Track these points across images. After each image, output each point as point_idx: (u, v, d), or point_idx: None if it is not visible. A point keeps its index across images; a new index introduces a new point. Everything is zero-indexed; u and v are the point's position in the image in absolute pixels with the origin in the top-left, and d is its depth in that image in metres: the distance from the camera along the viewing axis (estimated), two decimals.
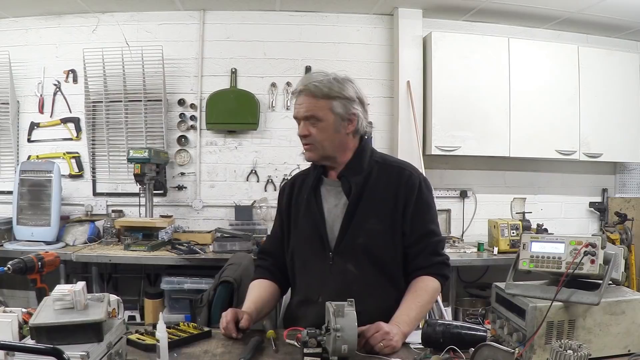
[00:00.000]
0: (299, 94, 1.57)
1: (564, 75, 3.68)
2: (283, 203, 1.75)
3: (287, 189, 1.76)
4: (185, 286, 2.97)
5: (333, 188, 1.64)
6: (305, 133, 1.56)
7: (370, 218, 1.56)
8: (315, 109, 1.54)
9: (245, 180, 3.80)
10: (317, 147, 1.58)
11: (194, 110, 3.76)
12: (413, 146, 3.61)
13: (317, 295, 1.57)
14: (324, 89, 1.53)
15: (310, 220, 1.62)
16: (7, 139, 3.69)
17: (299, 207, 1.68)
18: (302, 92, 1.55)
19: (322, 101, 1.53)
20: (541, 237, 1.36)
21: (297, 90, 1.57)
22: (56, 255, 1.64)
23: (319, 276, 1.59)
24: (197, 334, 1.45)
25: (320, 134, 1.55)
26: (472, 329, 1.35)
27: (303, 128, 1.56)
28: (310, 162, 1.67)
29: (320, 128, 1.55)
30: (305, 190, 1.67)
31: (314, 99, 1.53)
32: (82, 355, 0.96)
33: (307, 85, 1.54)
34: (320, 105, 1.54)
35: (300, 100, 1.56)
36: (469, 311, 3.27)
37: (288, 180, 1.83)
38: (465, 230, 3.93)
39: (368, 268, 1.56)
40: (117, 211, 3.62)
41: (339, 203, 1.61)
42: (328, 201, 1.64)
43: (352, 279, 1.55)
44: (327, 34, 3.83)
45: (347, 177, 1.59)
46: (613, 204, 4.09)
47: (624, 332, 1.27)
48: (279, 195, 1.81)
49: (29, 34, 3.73)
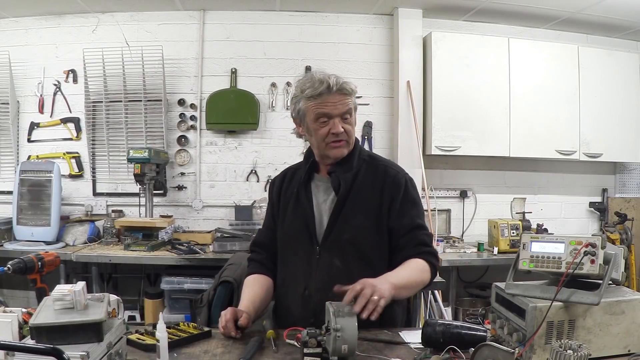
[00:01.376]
0: (330, 92, 1.56)
1: (564, 75, 3.68)
2: (273, 195, 1.79)
3: (277, 182, 1.81)
4: (185, 286, 2.98)
5: (322, 184, 1.69)
6: (343, 130, 1.58)
7: (357, 214, 1.60)
8: (350, 104, 1.60)
9: (245, 180, 3.80)
10: (350, 142, 1.64)
11: (194, 110, 3.76)
12: (413, 146, 3.62)
13: (302, 288, 1.60)
14: (351, 86, 1.61)
15: (299, 214, 1.66)
16: (7, 139, 3.70)
17: (287, 201, 1.72)
18: (337, 91, 1.57)
19: (351, 98, 1.61)
20: (541, 237, 1.36)
21: (327, 90, 1.57)
22: (56, 255, 1.64)
23: (305, 269, 1.62)
24: (197, 334, 1.45)
25: (351, 130, 1.63)
26: (472, 329, 1.35)
27: (339, 125, 1.58)
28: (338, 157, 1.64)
29: (350, 123, 1.62)
30: (295, 184, 1.72)
31: (347, 96, 1.59)
32: (82, 355, 0.95)
33: (340, 85, 1.58)
34: (351, 101, 1.61)
35: (335, 99, 1.57)
36: (469, 311, 3.27)
37: (279, 173, 1.86)
38: (465, 230, 3.93)
39: (353, 263, 1.59)
40: (117, 211, 3.62)
41: (328, 199, 1.66)
42: (317, 196, 1.68)
43: (337, 273, 1.56)
44: (327, 34, 3.83)
45: (337, 174, 1.63)
46: (613, 204, 4.10)
47: (624, 332, 1.27)
48: (270, 188, 1.86)
49: (29, 34, 3.73)
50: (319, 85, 1.57)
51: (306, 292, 1.59)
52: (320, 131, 1.59)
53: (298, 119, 1.66)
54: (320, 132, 1.60)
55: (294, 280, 1.65)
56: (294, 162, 1.89)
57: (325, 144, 1.61)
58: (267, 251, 1.77)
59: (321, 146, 1.63)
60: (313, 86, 1.58)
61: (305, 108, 1.60)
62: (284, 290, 1.69)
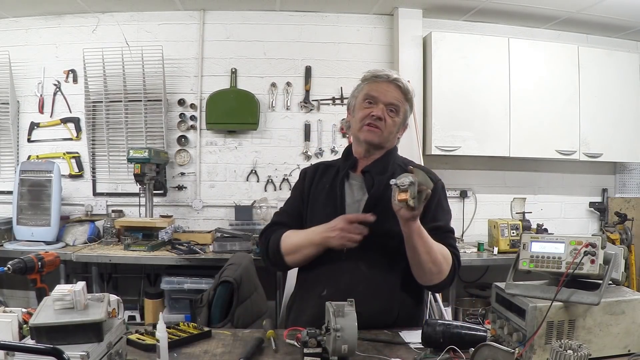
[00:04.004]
0: (389, 81, 1.61)
1: (564, 75, 3.68)
2: (305, 184, 1.75)
3: (310, 172, 1.78)
4: (185, 286, 2.97)
5: (356, 183, 1.67)
6: (382, 116, 1.59)
7: (389, 219, 1.51)
8: (400, 103, 1.62)
9: (245, 180, 3.80)
10: (384, 133, 1.62)
11: (194, 110, 3.76)
12: (413, 146, 3.61)
13: (322, 288, 1.57)
14: (411, 91, 1.64)
15: (330, 210, 1.62)
16: (7, 139, 3.69)
17: (318, 195, 1.69)
18: (394, 81, 1.61)
19: (406, 101, 1.64)
20: (541, 237, 1.36)
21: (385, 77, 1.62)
22: (56, 255, 1.64)
23: (329, 270, 1.58)
24: (197, 334, 1.45)
25: (391, 125, 1.62)
26: (472, 329, 1.35)
27: (382, 110, 1.60)
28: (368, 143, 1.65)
29: (392, 120, 1.62)
30: (328, 179, 1.70)
31: (402, 94, 1.62)
32: (82, 355, 0.95)
33: (399, 79, 1.61)
34: (403, 102, 1.63)
35: (388, 87, 1.61)
36: (469, 311, 3.28)
37: (311, 166, 1.84)
38: (465, 230, 3.93)
39: (379, 269, 1.56)
40: (117, 211, 3.62)
41: (362, 199, 1.63)
42: (350, 196, 1.65)
43: (361, 278, 1.54)
44: (327, 34, 3.83)
45: (372, 174, 1.63)
46: (613, 204, 4.10)
47: (624, 332, 1.27)
48: (300, 177, 1.81)
49: (29, 34, 3.73)
50: (380, 72, 1.63)
51: (324, 293, 1.54)
52: (363, 111, 1.62)
53: (351, 107, 1.70)
54: (362, 112, 1.62)
55: (315, 280, 1.61)
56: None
57: (362, 124, 1.62)
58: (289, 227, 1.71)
59: (357, 127, 1.64)
60: (375, 73, 1.64)
61: (359, 90, 1.66)
62: (303, 290, 1.66)
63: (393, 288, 1.58)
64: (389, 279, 1.57)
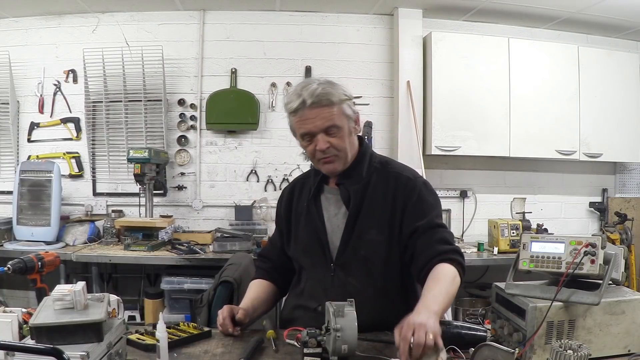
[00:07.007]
0: (304, 108, 1.45)
1: (564, 75, 3.68)
2: (282, 210, 1.71)
3: (286, 195, 1.72)
4: (185, 286, 2.98)
5: (332, 196, 1.60)
6: (328, 146, 1.47)
7: (371, 229, 1.51)
8: (334, 117, 1.46)
9: (245, 180, 3.80)
10: (341, 156, 1.50)
11: (194, 110, 3.76)
12: (413, 146, 3.61)
13: (316, 304, 1.54)
14: (334, 95, 1.46)
15: (311, 230, 1.58)
16: (7, 139, 3.69)
17: (299, 216, 1.64)
18: (312, 105, 1.44)
19: (336, 107, 1.46)
20: (541, 237, 1.37)
21: (301, 105, 1.45)
22: (56, 255, 1.64)
23: (321, 286, 1.57)
24: (197, 334, 1.45)
25: (342, 142, 1.48)
26: (472, 329, 1.35)
27: (322, 141, 1.46)
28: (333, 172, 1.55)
29: (340, 137, 1.48)
30: (305, 197, 1.64)
31: (328, 107, 1.45)
32: (82, 355, 0.95)
33: (315, 97, 1.43)
34: (336, 112, 1.46)
35: (311, 114, 1.45)
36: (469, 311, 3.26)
37: (287, 185, 1.80)
38: (465, 230, 3.93)
39: (369, 281, 1.54)
40: (117, 211, 3.62)
41: (339, 212, 1.57)
42: (328, 210, 1.59)
43: (353, 292, 1.49)
44: (327, 34, 3.83)
45: (346, 186, 1.55)
46: (613, 204, 4.09)
47: (624, 332, 1.27)
48: (278, 201, 1.77)
49: (29, 34, 3.73)
50: (295, 100, 1.46)
51: (319, 309, 1.50)
52: (308, 148, 1.52)
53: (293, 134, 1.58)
54: (308, 150, 1.52)
55: (309, 295, 1.60)
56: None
57: (317, 160, 1.52)
58: (273, 263, 1.74)
59: (314, 162, 1.56)
60: (291, 101, 1.48)
61: (292, 124, 1.53)
62: (296, 302, 1.65)
63: (385, 298, 1.54)
64: (380, 290, 1.54)
